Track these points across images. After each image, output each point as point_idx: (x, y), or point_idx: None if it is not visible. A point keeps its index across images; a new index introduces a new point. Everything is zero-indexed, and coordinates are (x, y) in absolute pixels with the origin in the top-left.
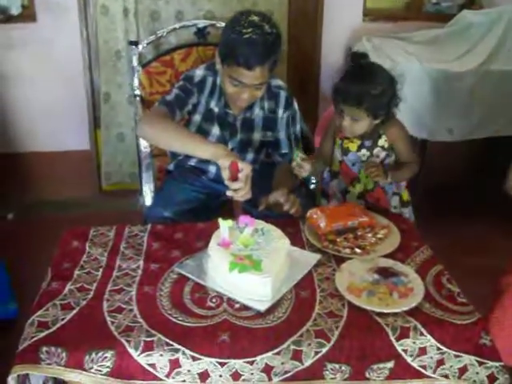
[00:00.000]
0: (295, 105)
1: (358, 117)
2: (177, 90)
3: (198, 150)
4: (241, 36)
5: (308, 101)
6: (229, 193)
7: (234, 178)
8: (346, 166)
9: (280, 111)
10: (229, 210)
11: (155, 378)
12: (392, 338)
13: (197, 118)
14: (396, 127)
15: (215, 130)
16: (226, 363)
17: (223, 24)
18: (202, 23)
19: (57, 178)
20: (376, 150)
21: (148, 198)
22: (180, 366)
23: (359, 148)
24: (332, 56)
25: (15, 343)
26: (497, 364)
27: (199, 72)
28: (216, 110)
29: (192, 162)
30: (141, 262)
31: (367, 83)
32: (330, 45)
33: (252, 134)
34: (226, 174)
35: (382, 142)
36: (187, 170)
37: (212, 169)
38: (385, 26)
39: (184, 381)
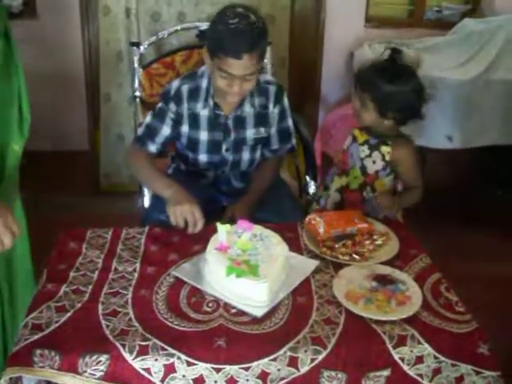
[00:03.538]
0: (285, 100)
1: (365, 103)
2: (148, 119)
3: (158, 190)
4: (228, 26)
5: (309, 107)
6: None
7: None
8: (345, 155)
9: (271, 106)
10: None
11: (150, 382)
12: (389, 346)
13: (185, 128)
14: (405, 149)
15: (203, 137)
16: (221, 369)
17: None
18: (204, 25)
19: (54, 178)
20: (375, 154)
21: (147, 200)
22: (175, 371)
23: (364, 142)
24: (333, 62)
25: None
26: (493, 374)
27: (174, 84)
28: (205, 113)
29: (190, 167)
30: (137, 265)
31: (383, 77)
32: (331, 51)
33: (245, 132)
34: (173, 220)
35: (385, 150)
36: (185, 174)
37: (210, 174)
38: (386, 32)
39: None
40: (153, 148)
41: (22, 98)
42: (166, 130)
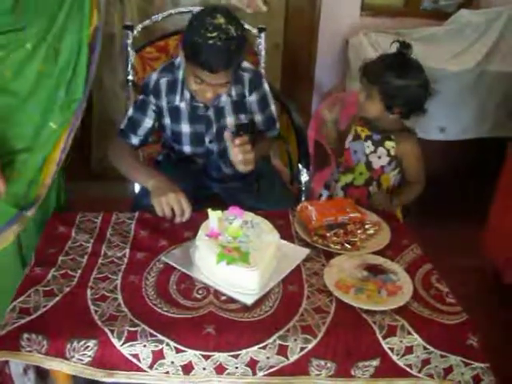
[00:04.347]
0: (264, 86)
1: (371, 95)
2: (130, 112)
3: (141, 181)
4: (205, 40)
5: (302, 95)
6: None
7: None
8: (348, 153)
9: (247, 94)
10: (217, 201)
11: (138, 368)
12: (379, 336)
13: (167, 121)
14: (410, 143)
15: (185, 129)
16: (210, 356)
17: None
18: (198, 10)
19: None
20: (380, 150)
21: (137, 186)
22: (163, 358)
23: (367, 138)
24: (328, 49)
25: None
26: (482, 365)
27: (153, 77)
28: (183, 105)
29: (181, 154)
30: (127, 250)
31: (393, 70)
32: (326, 39)
33: (225, 121)
34: (159, 210)
35: (390, 145)
36: (175, 161)
37: (200, 160)
38: (382, 21)
39: (167, 372)
40: (135, 140)
41: (77, 76)
42: (148, 122)
